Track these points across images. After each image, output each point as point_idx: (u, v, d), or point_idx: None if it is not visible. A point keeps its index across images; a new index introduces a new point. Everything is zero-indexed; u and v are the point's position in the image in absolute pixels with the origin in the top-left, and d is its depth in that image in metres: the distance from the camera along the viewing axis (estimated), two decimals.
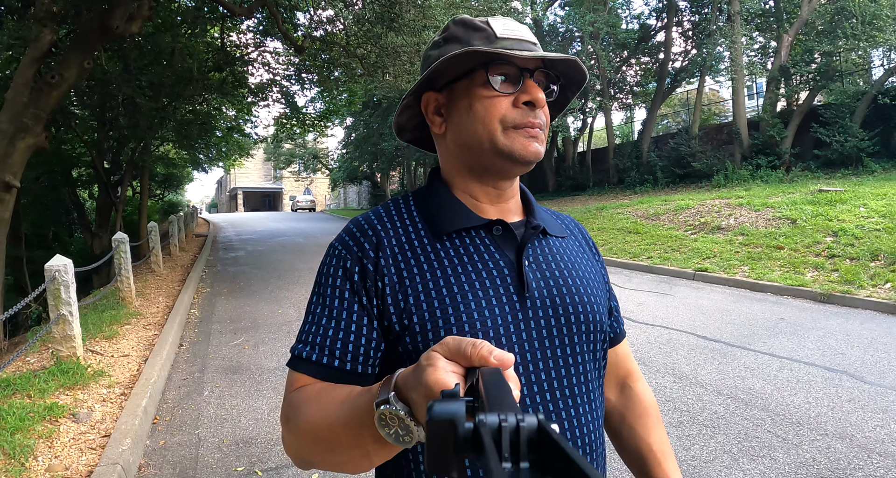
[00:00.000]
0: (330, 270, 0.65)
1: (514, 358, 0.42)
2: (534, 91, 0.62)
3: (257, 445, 2.57)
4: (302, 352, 0.61)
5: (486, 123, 0.62)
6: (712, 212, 9.06)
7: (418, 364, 0.44)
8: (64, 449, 2.45)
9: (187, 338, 4.57)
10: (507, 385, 0.34)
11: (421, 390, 0.41)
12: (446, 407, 0.30)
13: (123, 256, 5.58)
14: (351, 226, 0.68)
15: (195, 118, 13.55)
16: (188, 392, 3.29)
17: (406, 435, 0.44)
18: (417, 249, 0.64)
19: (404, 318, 0.60)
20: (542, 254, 0.68)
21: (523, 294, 0.63)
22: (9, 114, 6.51)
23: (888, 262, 5.97)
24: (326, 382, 0.60)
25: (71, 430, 2.64)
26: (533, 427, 0.26)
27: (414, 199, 0.71)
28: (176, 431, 2.76)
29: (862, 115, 12.37)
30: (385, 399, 0.45)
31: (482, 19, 0.65)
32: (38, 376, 3.25)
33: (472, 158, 0.66)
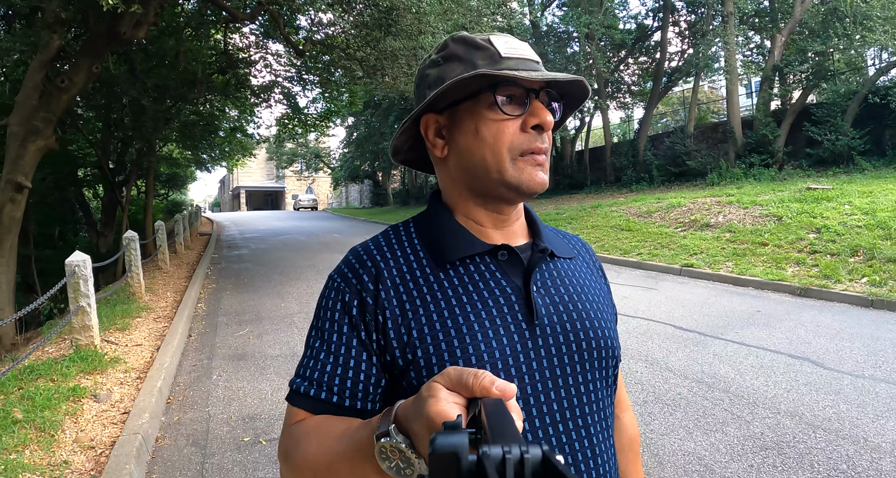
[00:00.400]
0: (328, 304, 0.63)
1: (516, 388, 0.41)
2: (542, 114, 0.60)
3: (262, 420, 2.85)
4: (300, 387, 0.61)
5: (494, 150, 0.60)
6: (702, 210, 9.30)
7: (419, 395, 0.43)
8: (88, 424, 2.73)
9: (195, 329, 4.87)
10: (510, 416, 0.34)
11: (422, 422, 0.41)
12: (449, 439, 0.29)
13: (134, 254, 5.86)
14: (350, 257, 0.66)
15: (199, 119, 13.84)
16: (198, 376, 3.59)
17: (407, 468, 0.43)
18: (420, 280, 0.62)
19: (408, 352, 0.59)
20: (551, 278, 0.66)
21: (532, 321, 0.61)
22: (19, 116, 6.80)
23: (866, 257, 6.21)
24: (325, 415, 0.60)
25: (93, 408, 2.93)
26: (538, 459, 0.26)
27: (415, 225, 0.69)
28: (188, 409, 3.05)
29: (853, 115, 12.58)
30: (385, 431, 0.44)
31: (483, 37, 0.63)
32: (59, 362, 3.53)
33: (476, 184, 0.64)
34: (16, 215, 6.80)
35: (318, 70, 11.88)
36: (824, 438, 2.58)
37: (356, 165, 30.99)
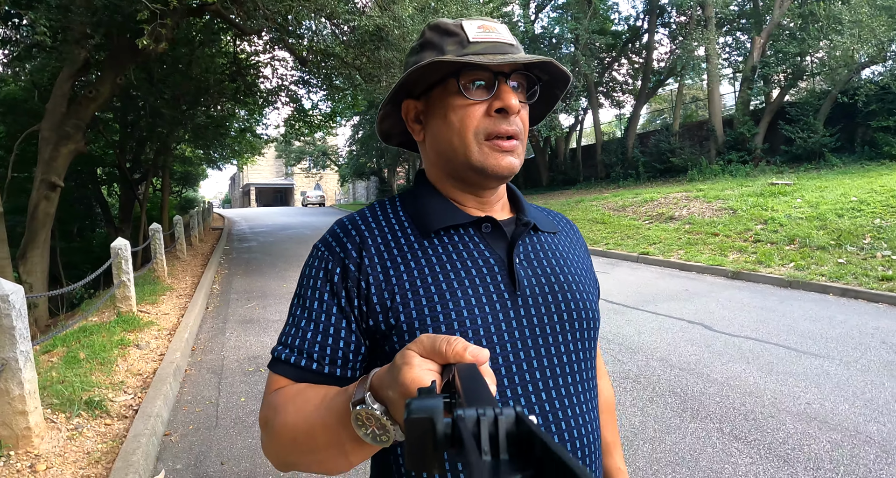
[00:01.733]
0: (311, 272, 0.64)
1: (488, 353, 0.41)
2: (507, 97, 0.60)
3: (263, 358, 3.81)
4: (281, 354, 0.61)
5: (461, 134, 0.62)
6: (671, 204, 10.12)
7: (393, 363, 0.43)
8: (134, 362, 3.69)
9: (212, 303, 5.85)
10: (483, 380, 0.34)
11: (397, 389, 0.41)
12: (424, 404, 0.30)
13: (158, 243, 6.84)
14: (335, 227, 0.67)
15: (211, 121, 14.86)
16: (215, 334, 4.55)
17: (383, 435, 0.44)
18: (404, 248, 0.63)
19: (391, 317, 0.59)
20: (534, 250, 0.67)
21: (514, 291, 0.62)
22: (49, 122, 7.78)
23: (800, 245, 7.03)
24: (304, 383, 0.60)
25: (137, 353, 3.88)
26: (511, 419, 0.27)
27: (400, 199, 0.70)
28: (208, 353, 4.01)
29: (826, 114, 13.27)
30: (361, 399, 0.45)
31: (456, 22, 0.64)
32: (106, 325, 4.50)
33: (449, 166, 0.66)
34: (50, 211, 7.78)
35: (321, 76, 12.82)
36: (677, 374, 3.45)
37: (362, 162, 31.96)
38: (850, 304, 5.13)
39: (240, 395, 3.25)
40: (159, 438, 2.65)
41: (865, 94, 12.24)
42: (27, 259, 7.40)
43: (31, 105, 11.80)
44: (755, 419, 2.75)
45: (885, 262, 6.00)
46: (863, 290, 5.39)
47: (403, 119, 0.70)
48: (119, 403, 2.98)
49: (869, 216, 7.24)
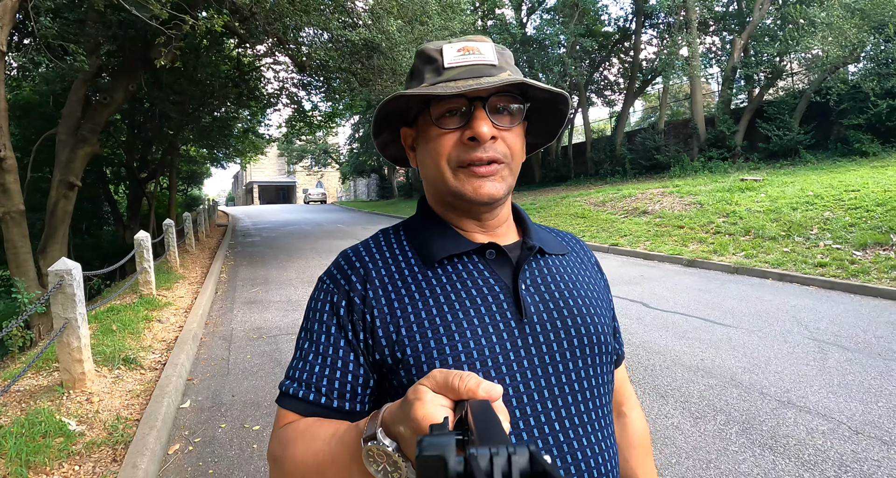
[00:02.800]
0: (317, 305, 0.64)
1: (501, 390, 0.41)
2: (477, 125, 0.59)
3: (265, 328, 4.57)
4: (289, 388, 0.61)
5: (437, 163, 0.62)
6: (647, 199, 10.80)
7: (405, 398, 0.43)
8: (159, 332, 4.42)
9: (220, 288, 6.59)
10: (496, 417, 0.34)
11: (409, 425, 0.41)
12: (436, 442, 0.30)
13: (171, 237, 7.59)
14: (339, 258, 0.67)
15: (215, 123, 15.61)
16: (224, 312, 5.30)
17: (395, 472, 0.43)
18: (408, 278, 0.63)
19: (397, 350, 0.59)
20: (541, 275, 0.66)
21: (521, 319, 0.61)
22: (65, 126, 8.45)
23: (754, 237, 7.71)
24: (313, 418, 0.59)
25: (159, 326, 4.62)
26: (525, 458, 0.26)
27: (404, 228, 0.70)
28: (219, 325, 4.75)
29: (802, 112, 13.90)
30: (372, 435, 0.45)
31: (437, 47, 0.63)
32: (132, 305, 5.24)
33: (438, 193, 0.66)
34: (68, 209, 8.45)
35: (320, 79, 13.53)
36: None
37: (362, 160, 32.70)
38: (783, 287, 5.83)
39: (246, 354, 3.99)
40: (184, 380, 3.39)
41: (837, 94, 12.87)
42: (47, 253, 8.03)
43: (46, 109, 12.55)
44: (653, 370, 3.46)
45: (825, 250, 6.69)
46: (798, 274, 6.09)
47: (402, 144, 0.70)
48: (150, 360, 3.72)
49: (820, 209, 7.91)
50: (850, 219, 7.26)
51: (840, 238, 6.86)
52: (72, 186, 8.45)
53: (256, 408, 3.02)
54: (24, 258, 6.62)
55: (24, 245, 6.49)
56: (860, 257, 6.24)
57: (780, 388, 3.11)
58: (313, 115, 16.77)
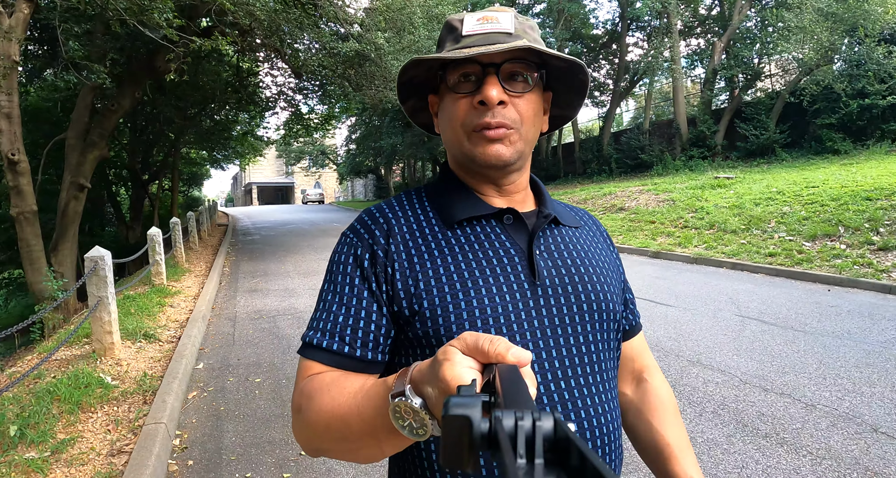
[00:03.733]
0: (341, 258, 0.66)
1: (531, 356, 0.42)
2: (486, 89, 0.61)
3: (265, 311, 5.19)
4: (313, 339, 0.63)
5: (454, 127, 0.65)
6: (625, 196, 11.41)
7: (435, 358, 0.44)
8: (172, 315, 5.03)
9: (223, 280, 7.21)
10: (524, 383, 0.34)
11: (437, 385, 0.42)
12: (463, 402, 0.30)
13: (178, 234, 8.19)
14: (363, 215, 0.70)
15: (215, 126, 16.22)
16: (228, 299, 5.92)
17: (420, 428, 0.44)
18: (429, 237, 0.65)
19: (414, 303, 0.61)
20: (554, 242, 0.69)
21: (534, 282, 0.63)
22: (74, 131, 8.97)
23: (718, 230, 8.33)
24: (337, 369, 0.61)
25: (171, 310, 5.23)
26: (549, 425, 0.27)
27: (426, 191, 0.73)
28: (224, 309, 5.36)
29: (779, 112, 14.53)
30: (401, 391, 0.45)
31: (460, 17, 0.67)
32: (145, 294, 5.84)
33: (455, 156, 0.70)
34: (78, 209, 8.95)
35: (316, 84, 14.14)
36: None
37: (359, 161, 33.29)
38: (733, 274, 6.45)
39: (248, 330, 4.61)
40: (197, 349, 4.01)
41: (810, 95, 13.49)
42: (58, 251, 8.51)
43: (53, 115, 13.14)
44: None
45: (778, 242, 7.31)
46: (749, 263, 6.70)
47: (430, 111, 0.74)
48: (166, 335, 4.33)
49: (780, 204, 8.53)
50: (805, 213, 7.88)
51: (793, 230, 7.48)
52: (82, 187, 8.98)
53: (258, 367, 3.64)
54: (37, 256, 6.97)
55: (37, 244, 6.91)
56: (808, 248, 6.85)
57: (694, 352, 3.73)
58: (310, 117, 17.37)
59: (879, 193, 7.70)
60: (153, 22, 4.95)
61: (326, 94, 14.43)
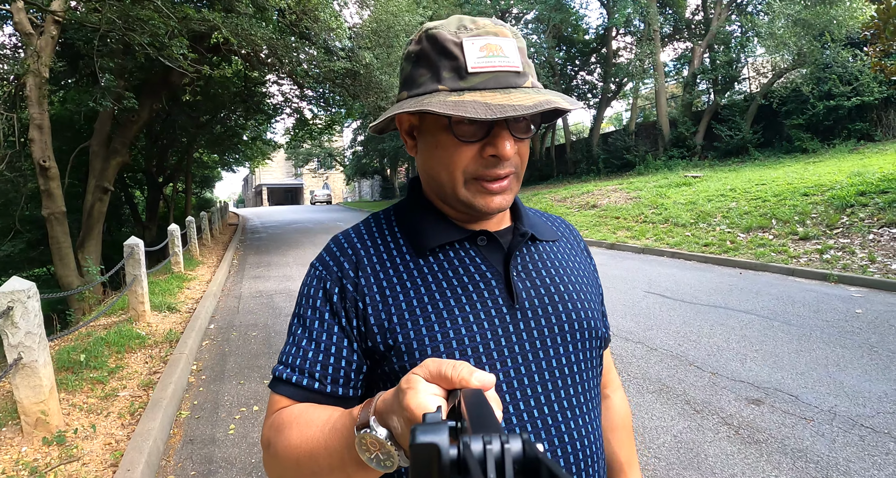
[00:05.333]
0: (310, 292, 0.64)
1: (494, 379, 0.41)
2: (500, 143, 0.57)
3: (265, 292, 6.32)
4: (282, 374, 0.61)
5: (449, 171, 0.61)
6: (600, 195, 12.38)
7: (398, 387, 0.43)
8: (189, 294, 6.16)
9: (232, 269, 8.36)
10: (489, 407, 0.34)
11: (402, 414, 0.41)
12: (429, 431, 0.30)
13: (193, 231, 9.36)
14: (331, 244, 0.67)
15: (225, 132, 17.45)
16: (235, 283, 7.06)
17: (388, 460, 0.44)
18: (400, 267, 0.63)
19: (388, 338, 0.60)
20: (532, 261, 0.67)
21: (513, 305, 0.62)
22: (98, 139, 10.04)
23: (670, 224, 9.29)
24: (307, 404, 0.60)
25: (188, 291, 6.36)
26: (518, 447, 0.27)
27: (395, 214, 0.70)
28: (232, 290, 6.51)
29: (753, 114, 15.36)
30: (365, 423, 0.45)
31: (457, 40, 0.57)
32: (165, 280, 6.99)
33: (439, 193, 0.65)
34: (102, 210, 9.99)
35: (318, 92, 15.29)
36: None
37: (364, 162, 34.51)
38: (669, 261, 7.43)
39: (250, 304, 5.74)
40: (209, 315, 5.14)
41: (780, 97, 14.34)
42: (85, 248, 9.52)
43: (76, 124, 14.39)
44: None
45: (718, 233, 8.26)
46: (686, 252, 7.68)
47: (397, 126, 0.66)
48: (185, 308, 5.45)
49: (729, 200, 9.47)
50: (748, 208, 8.82)
51: (733, 223, 8.43)
52: (106, 190, 10.10)
53: (255, 326, 4.76)
54: (65, 252, 7.78)
55: (65, 241, 7.70)
56: (741, 238, 7.81)
57: None
58: (314, 123, 18.54)
59: (817, 190, 8.62)
60: (172, 55, 6.06)
61: (327, 102, 15.58)
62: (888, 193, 7.52)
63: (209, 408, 3.06)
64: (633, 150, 17.63)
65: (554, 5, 16.41)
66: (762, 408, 2.87)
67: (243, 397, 3.21)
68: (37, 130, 7.06)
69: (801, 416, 2.76)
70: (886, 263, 5.98)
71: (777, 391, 3.05)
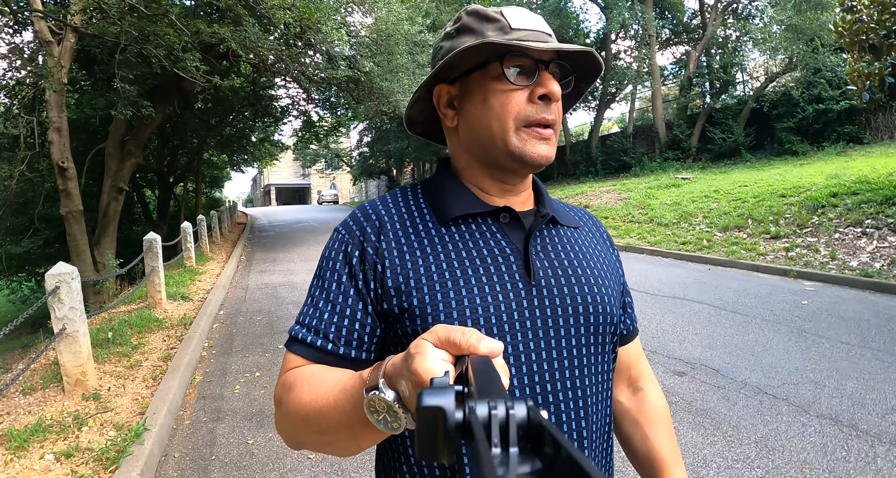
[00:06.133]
0: (331, 254, 0.66)
1: (502, 346, 0.42)
2: (549, 83, 0.61)
3: (270, 284, 6.90)
4: (298, 333, 0.63)
5: (501, 119, 0.62)
6: (593, 195, 12.85)
7: (407, 352, 0.44)
8: (200, 285, 6.74)
9: (240, 264, 8.96)
10: (496, 373, 0.34)
11: (410, 378, 0.42)
12: (435, 395, 0.31)
13: (204, 229, 9.97)
14: (356, 211, 0.69)
15: (234, 133, 18.10)
16: (243, 276, 7.65)
17: (395, 422, 0.45)
18: (422, 233, 0.65)
19: (404, 300, 0.61)
20: (552, 242, 0.68)
21: (529, 282, 0.62)
22: (113, 141, 10.59)
23: (654, 224, 9.75)
24: (319, 364, 0.61)
25: (200, 283, 6.94)
26: (522, 413, 0.27)
27: (422, 187, 0.72)
28: (239, 283, 7.09)
29: (746, 117, 15.75)
30: (374, 385, 0.46)
31: (496, 9, 0.64)
32: (179, 273, 7.58)
33: (483, 153, 0.66)
34: (117, 209, 10.50)
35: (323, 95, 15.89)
36: None
37: (371, 163, 35.16)
38: (647, 258, 7.90)
39: (256, 294, 6.31)
40: (219, 303, 5.72)
41: (770, 100, 14.72)
42: (100, 245, 10.03)
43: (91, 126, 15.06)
44: None
45: (697, 232, 8.72)
46: (664, 250, 8.15)
47: (435, 104, 0.69)
48: (196, 298, 6.03)
49: (712, 201, 9.92)
50: (728, 208, 9.27)
51: (712, 223, 8.89)
52: (121, 190, 10.66)
53: (260, 312, 5.33)
54: (82, 249, 8.22)
55: (82, 238, 8.12)
56: (718, 237, 8.27)
57: None
58: (320, 125, 19.14)
59: (795, 191, 9.05)
60: (186, 67, 6.65)
61: (332, 105, 16.18)
62: (858, 194, 7.95)
63: (218, 374, 3.62)
64: (630, 152, 18.05)
65: (552, 11, 16.89)
66: (684, 379, 3.38)
67: (247, 366, 3.78)
68: (56, 132, 7.49)
69: (715, 385, 3.27)
70: (846, 261, 6.44)
71: (702, 366, 3.56)
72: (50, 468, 2.36)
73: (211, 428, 2.84)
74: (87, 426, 2.77)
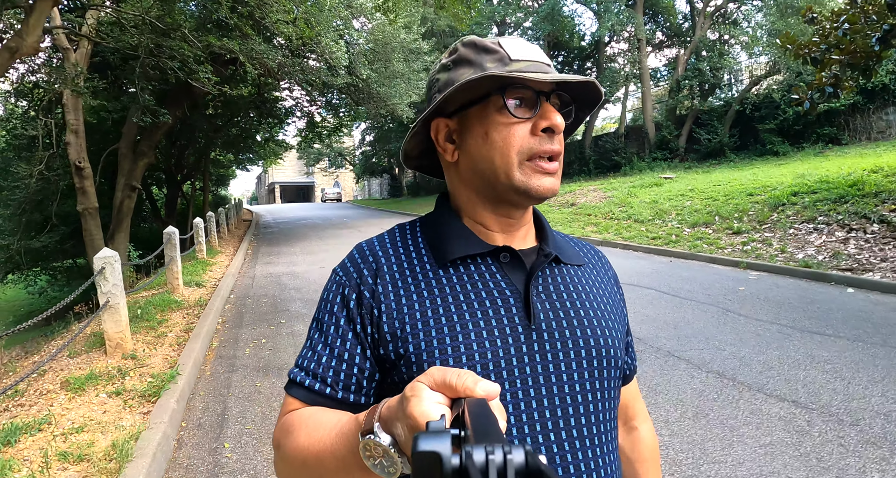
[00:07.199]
0: (329, 296, 0.66)
1: (499, 389, 0.42)
2: (552, 116, 0.60)
3: (274, 273, 7.68)
4: (297, 376, 0.63)
5: (504, 153, 0.61)
6: (580, 194, 13.54)
7: (402, 395, 0.44)
8: (212, 275, 7.52)
9: (247, 258, 9.76)
10: (493, 416, 0.34)
11: (406, 422, 0.42)
12: (432, 439, 0.30)
13: (212, 225, 10.77)
14: (354, 251, 0.69)
15: (240, 133, 18.89)
16: (249, 267, 8.43)
17: (391, 466, 0.44)
18: (419, 276, 0.64)
19: (400, 347, 0.60)
20: (554, 283, 0.66)
21: (529, 325, 0.61)
22: (126, 142, 11.28)
23: (632, 221, 10.45)
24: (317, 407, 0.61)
25: (211, 273, 7.72)
26: (520, 458, 0.27)
27: (421, 225, 0.70)
28: (247, 272, 7.88)
29: (731, 119, 16.40)
30: (370, 429, 0.46)
31: (493, 40, 0.64)
32: (192, 264, 8.36)
33: (486, 187, 0.65)
34: (130, 206, 11.15)
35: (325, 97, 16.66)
36: None
37: (373, 162, 35.95)
38: (619, 252, 8.61)
39: (262, 282, 7.09)
40: (230, 289, 6.50)
41: (752, 103, 15.36)
42: (115, 240, 10.64)
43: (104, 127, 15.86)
44: None
45: (669, 229, 9.42)
46: (635, 244, 8.86)
47: (433, 139, 0.68)
48: (209, 285, 6.81)
49: (686, 199, 10.59)
50: (699, 206, 9.96)
51: (683, 220, 9.58)
52: (134, 188, 11.35)
53: (265, 297, 6.12)
54: (97, 244, 8.70)
55: (97, 234, 8.72)
56: (686, 233, 8.97)
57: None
58: (323, 126, 19.90)
59: (762, 190, 9.73)
60: (199, 78, 7.41)
61: (334, 107, 16.94)
62: (816, 193, 8.64)
63: (232, 341, 4.41)
64: (621, 152, 18.72)
65: (545, 16, 17.57)
66: None
67: (255, 335, 4.56)
68: (73, 134, 8.02)
69: (636, 350, 3.99)
70: (793, 253, 7.14)
71: (638, 340, 4.28)
72: (105, 402, 3.13)
73: (227, 377, 3.61)
74: (129, 376, 3.53)
